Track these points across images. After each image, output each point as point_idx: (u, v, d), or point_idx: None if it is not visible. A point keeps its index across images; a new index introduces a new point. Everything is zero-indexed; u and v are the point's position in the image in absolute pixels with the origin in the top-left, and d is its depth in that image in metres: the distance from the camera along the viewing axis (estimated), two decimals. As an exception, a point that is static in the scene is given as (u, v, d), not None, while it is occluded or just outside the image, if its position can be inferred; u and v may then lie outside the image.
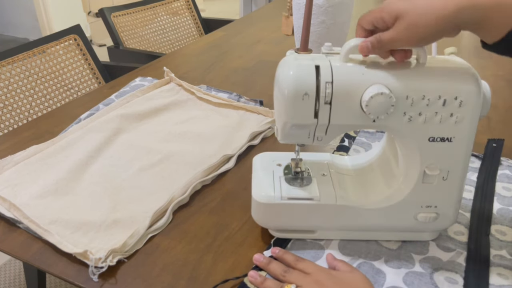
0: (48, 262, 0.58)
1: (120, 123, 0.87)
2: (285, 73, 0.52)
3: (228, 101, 0.96)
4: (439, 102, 0.50)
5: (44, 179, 0.71)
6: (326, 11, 1.13)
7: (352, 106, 0.51)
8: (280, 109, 0.53)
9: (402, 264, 0.57)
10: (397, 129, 0.52)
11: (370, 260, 0.57)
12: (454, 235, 0.61)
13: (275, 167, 0.62)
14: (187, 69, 1.17)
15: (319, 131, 0.54)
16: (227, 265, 0.57)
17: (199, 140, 0.83)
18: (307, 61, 0.51)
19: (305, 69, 0.51)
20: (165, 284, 0.55)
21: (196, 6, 1.84)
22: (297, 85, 0.50)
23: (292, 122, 0.53)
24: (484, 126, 0.89)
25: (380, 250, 0.59)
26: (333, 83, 0.50)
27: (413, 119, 0.51)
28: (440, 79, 0.50)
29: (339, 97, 0.51)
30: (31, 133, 0.87)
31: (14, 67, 1.14)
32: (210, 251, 0.59)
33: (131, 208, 0.66)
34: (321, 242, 0.60)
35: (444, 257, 0.57)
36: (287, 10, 1.37)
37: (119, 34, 1.56)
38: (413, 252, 0.58)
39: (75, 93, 1.29)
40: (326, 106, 0.51)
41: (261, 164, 0.63)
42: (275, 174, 0.61)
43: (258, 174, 0.61)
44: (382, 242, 0.60)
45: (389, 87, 0.49)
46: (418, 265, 0.56)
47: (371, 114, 0.50)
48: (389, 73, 0.50)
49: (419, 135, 0.52)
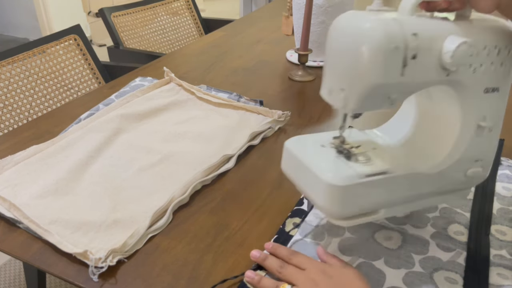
0: (48, 262, 0.58)
1: (120, 123, 0.87)
2: (365, 26, 0.46)
3: (228, 101, 0.96)
4: (495, 51, 0.51)
5: (44, 179, 0.71)
6: (326, 11, 1.13)
7: (432, 60, 0.49)
8: (357, 70, 0.47)
9: (402, 264, 0.56)
10: (463, 82, 0.51)
11: (370, 260, 0.57)
12: (454, 235, 0.61)
13: (320, 148, 0.56)
14: (187, 69, 1.17)
15: (397, 92, 0.49)
16: (227, 265, 0.57)
17: (199, 140, 0.84)
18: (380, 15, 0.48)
19: (388, 21, 0.47)
20: (165, 284, 0.55)
21: (196, 6, 1.85)
22: (387, 37, 0.46)
23: (378, 81, 0.47)
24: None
25: (379, 250, 0.59)
26: (418, 35, 0.47)
27: (476, 70, 0.51)
28: (494, 30, 0.51)
29: (424, 51, 0.48)
30: (31, 133, 0.87)
31: (14, 67, 1.14)
32: (210, 251, 0.59)
33: (131, 208, 0.66)
34: (321, 242, 0.60)
35: (444, 257, 0.57)
36: (287, 10, 1.37)
37: (119, 34, 1.56)
38: (413, 252, 0.58)
39: (75, 93, 1.29)
40: (412, 61, 0.48)
41: (302, 148, 0.56)
42: (327, 155, 0.55)
43: (308, 158, 0.54)
44: (382, 242, 0.60)
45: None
46: (418, 265, 0.56)
47: (453, 66, 0.48)
48: (455, 25, 0.50)
49: (478, 86, 0.52)
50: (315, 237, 0.61)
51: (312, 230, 0.62)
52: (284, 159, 0.58)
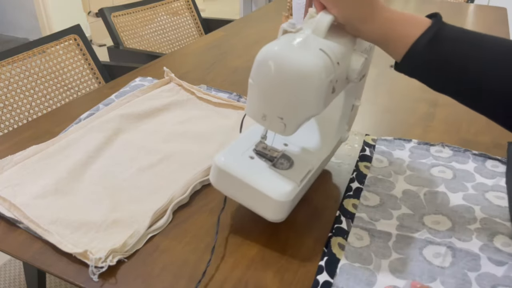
0: (48, 262, 0.58)
1: (120, 123, 0.87)
2: (304, 65, 0.49)
3: (228, 101, 0.96)
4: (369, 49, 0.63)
5: (44, 179, 0.71)
6: (326, 11, 1.13)
7: (343, 79, 0.56)
8: (297, 104, 0.50)
9: (460, 284, 0.54)
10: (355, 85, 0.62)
11: (427, 283, 0.55)
12: (501, 246, 0.59)
13: (250, 161, 0.62)
14: (187, 69, 1.17)
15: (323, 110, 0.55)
16: (227, 265, 0.57)
17: (199, 140, 0.84)
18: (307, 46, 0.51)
19: (320, 56, 0.50)
20: (165, 284, 0.55)
21: (196, 6, 1.84)
22: (325, 73, 0.49)
23: (318, 111, 0.52)
24: (485, 126, 0.89)
25: (432, 270, 0.56)
26: (339, 63, 0.52)
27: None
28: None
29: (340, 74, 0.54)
30: (31, 133, 0.87)
31: (14, 67, 1.14)
32: (210, 251, 0.59)
33: (131, 208, 0.66)
34: (370, 267, 0.57)
35: (498, 272, 0.56)
36: (287, 10, 1.37)
37: (119, 34, 1.56)
38: (466, 269, 0.56)
39: (75, 93, 1.29)
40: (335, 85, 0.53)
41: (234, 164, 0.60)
42: (261, 168, 0.60)
43: (247, 176, 0.59)
44: (432, 260, 0.58)
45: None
46: (475, 283, 0.54)
47: (358, 78, 0.56)
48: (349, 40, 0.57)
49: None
50: (363, 261, 0.58)
51: (357, 252, 0.59)
52: (216, 177, 0.61)
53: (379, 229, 0.63)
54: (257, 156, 0.62)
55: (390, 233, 0.62)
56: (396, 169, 0.76)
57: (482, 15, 1.72)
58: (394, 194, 0.70)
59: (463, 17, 1.68)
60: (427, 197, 0.69)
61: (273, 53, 0.50)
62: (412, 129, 0.89)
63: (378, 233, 0.62)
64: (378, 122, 0.92)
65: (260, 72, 0.52)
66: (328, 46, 0.52)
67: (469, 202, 0.67)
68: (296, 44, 0.51)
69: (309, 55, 0.50)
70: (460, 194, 0.69)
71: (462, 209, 0.66)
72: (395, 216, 0.65)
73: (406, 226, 0.63)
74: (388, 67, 1.14)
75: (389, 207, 0.67)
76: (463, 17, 1.68)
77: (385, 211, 0.66)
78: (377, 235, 0.62)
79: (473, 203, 0.67)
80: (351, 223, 0.64)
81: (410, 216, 0.65)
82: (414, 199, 0.68)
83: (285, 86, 0.50)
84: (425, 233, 0.62)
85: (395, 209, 0.66)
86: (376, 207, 0.67)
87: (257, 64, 0.52)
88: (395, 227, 0.63)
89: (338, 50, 0.53)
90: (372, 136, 0.86)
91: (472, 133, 0.87)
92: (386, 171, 0.75)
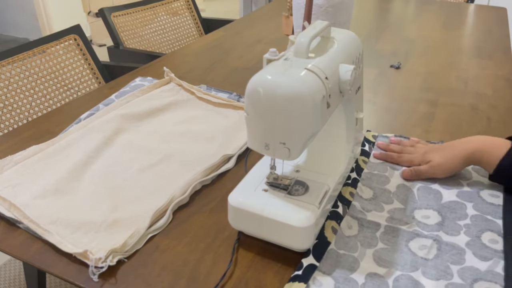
0: (48, 262, 0.58)
1: (120, 123, 0.87)
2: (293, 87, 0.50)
3: (228, 101, 0.96)
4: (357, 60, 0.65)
5: (44, 179, 0.71)
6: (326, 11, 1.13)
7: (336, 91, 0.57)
8: (297, 125, 0.51)
9: (441, 275, 0.55)
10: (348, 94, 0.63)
11: (408, 272, 0.55)
12: (489, 243, 0.60)
13: (265, 194, 0.60)
14: (187, 69, 1.17)
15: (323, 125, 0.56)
16: (227, 265, 0.57)
17: (199, 140, 0.84)
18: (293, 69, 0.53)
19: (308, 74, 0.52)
20: (165, 284, 0.55)
21: (196, 6, 1.85)
22: (317, 90, 0.51)
23: (318, 129, 0.54)
24: (484, 126, 0.89)
25: (415, 260, 0.57)
26: (328, 77, 0.54)
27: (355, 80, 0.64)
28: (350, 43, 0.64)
29: (333, 87, 0.55)
30: (31, 133, 0.87)
31: (14, 67, 1.14)
32: (210, 251, 0.59)
33: (131, 208, 0.66)
34: (355, 254, 0.58)
35: (482, 266, 0.56)
36: (287, 10, 1.37)
37: (119, 34, 1.56)
38: (450, 262, 0.57)
39: (75, 93, 1.29)
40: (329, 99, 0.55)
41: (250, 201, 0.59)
42: (277, 199, 0.59)
43: (266, 210, 0.58)
44: (417, 251, 0.58)
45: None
46: (457, 275, 0.55)
47: (350, 89, 0.57)
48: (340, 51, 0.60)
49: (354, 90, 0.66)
50: (349, 249, 0.59)
51: (344, 241, 0.61)
52: (234, 217, 0.60)
53: (369, 219, 0.64)
54: (270, 188, 0.61)
55: (379, 223, 0.63)
56: (393, 165, 0.77)
57: (482, 15, 1.72)
58: (388, 188, 0.71)
59: (463, 17, 1.68)
60: (420, 192, 0.70)
61: (261, 81, 0.51)
62: (412, 129, 0.89)
63: (368, 223, 0.64)
64: (378, 122, 0.92)
65: (252, 102, 0.52)
66: (312, 64, 0.53)
67: (462, 199, 0.68)
68: (281, 69, 0.53)
69: (296, 75, 0.51)
70: (454, 190, 0.70)
71: (454, 205, 0.67)
72: (386, 209, 0.66)
73: (396, 219, 0.64)
74: (388, 67, 1.14)
75: (382, 201, 0.68)
76: (463, 17, 1.68)
77: (377, 204, 0.67)
78: (366, 224, 0.63)
79: (466, 200, 0.68)
80: (347, 210, 0.65)
81: (401, 210, 0.66)
82: (407, 194, 0.70)
83: (278, 110, 0.51)
84: (413, 225, 0.63)
85: (387, 203, 0.68)
86: (369, 200, 0.68)
87: (248, 94, 0.53)
88: (385, 219, 0.64)
89: (324, 65, 0.54)
90: (373, 132, 0.86)
91: (472, 133, 0.87)
92: (382, 167, 0.77)
